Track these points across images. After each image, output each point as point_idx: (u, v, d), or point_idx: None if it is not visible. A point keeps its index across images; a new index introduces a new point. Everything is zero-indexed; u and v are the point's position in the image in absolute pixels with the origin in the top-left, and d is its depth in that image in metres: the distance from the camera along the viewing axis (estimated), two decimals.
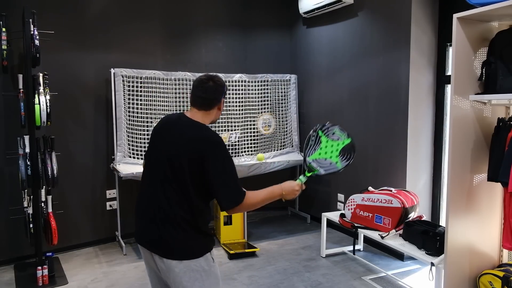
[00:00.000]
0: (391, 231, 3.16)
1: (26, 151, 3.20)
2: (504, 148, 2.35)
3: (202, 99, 1.85)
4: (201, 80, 1.87)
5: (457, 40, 2.36)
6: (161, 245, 1.78)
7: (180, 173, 1.75)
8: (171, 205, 1.76)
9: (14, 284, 3.30)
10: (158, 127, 1.92)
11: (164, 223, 1.77)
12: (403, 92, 3.64)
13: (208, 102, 1.86)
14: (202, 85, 1.85)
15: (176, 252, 1.76)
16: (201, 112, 1.87)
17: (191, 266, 1.76)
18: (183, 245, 1.77)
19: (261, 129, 4.82)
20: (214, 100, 1.87)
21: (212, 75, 1.90)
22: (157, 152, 1.85)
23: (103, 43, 4.08)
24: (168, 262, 1.76)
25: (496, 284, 2.41)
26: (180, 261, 1.75)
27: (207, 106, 1.87)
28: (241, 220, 4.18)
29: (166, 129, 1.87)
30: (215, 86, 1.86)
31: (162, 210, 1.77)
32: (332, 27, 4.50)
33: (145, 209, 1.84)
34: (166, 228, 1.76)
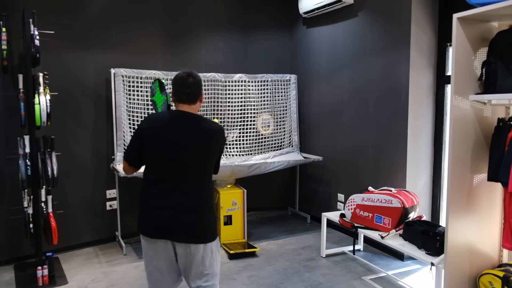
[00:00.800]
0: (391, 231, 3.16)
1: (26, 151, 3.19)
2: (504, 148, 2.35)
3: (188, 94, 2.05)
4: (182, 77, 2.06)
5: (457, 40, 2.36)
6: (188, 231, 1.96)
7: (204, 162, 2.02)
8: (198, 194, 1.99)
9: (14, 284, 3.30)
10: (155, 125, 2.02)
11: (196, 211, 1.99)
12: (403, 92, 3.64)
13: (193, 96, 2.07)
14: (184, 82, 2.05)
15: (205, 236, 2.00)
16: (190, 106, 2.07)
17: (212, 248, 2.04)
18: (210, 229, 2.03)
19: (260, 129, 4.82)
20: (197, 93, 2.09)
21: (188, 71, 2.10)
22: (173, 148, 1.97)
23: (103, 43, 4.08)
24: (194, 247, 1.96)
25: (496, 284, 2.41)
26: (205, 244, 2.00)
27: (194, 100, 2.08)
28: (241, 220, 4.18)
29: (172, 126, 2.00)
30: (196, 81, 2.07)
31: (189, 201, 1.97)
32: (332, 27, 4.50)
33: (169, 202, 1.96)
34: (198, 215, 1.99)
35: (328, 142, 4.65)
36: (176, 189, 1.96)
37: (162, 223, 1.96)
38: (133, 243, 4.20)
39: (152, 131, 2.00)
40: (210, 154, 2.04)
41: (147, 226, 1.99)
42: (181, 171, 1.96)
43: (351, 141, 4.29)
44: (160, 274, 2.04)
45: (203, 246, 1.97)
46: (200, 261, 1.99)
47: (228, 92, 4.59)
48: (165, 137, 1.98)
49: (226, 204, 4.10)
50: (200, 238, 1.97)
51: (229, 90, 4.60)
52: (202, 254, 1.98)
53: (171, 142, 1.97)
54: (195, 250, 1.96)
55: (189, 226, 1.96)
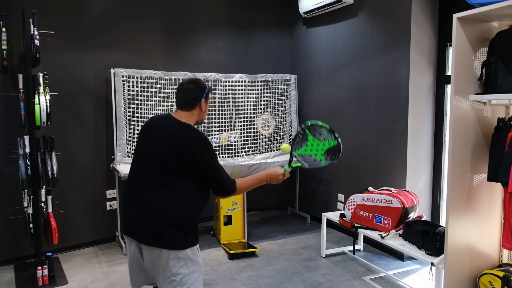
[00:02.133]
0: (391, 231, 3.16)
1: (26, 151, 3.19)
2: (504, 148, 2.35)
3: (181, 100, 2.03)
4: (182, 83, 2.07)
5: (457, 40, 2.36)
6: (151, 235, 1.90)
7: (172, 168, 1.92)
8: (164, 198, 1.91)
9: (14, 284, 3.30)
10: (146, 127, 2.07)
11: (157, 216, 1.90)
12: (403, 92, 3.64)
13: (187, 102, 2.02)
14: (182, 88, 2.04)
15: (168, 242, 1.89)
16: (185, 113, 2.03)
17: (178, 255, 1.91)
18: (177, 237, 1.91)
19: (261, 129, 4.82)
20: (192, 100, 2.02)
21: (194, 78, 2.09)
22: (147, 149, 1.99)
23: (103, 43, 4.08)
24: (157, 251, 1.89)
25: (496, 284, 2.41)
26: (169, 250, 1.89)
27: (189, 107, 2.03)
28: (241, 220, 4.18)
29: (154, 129, 2.02)
30: (194, 88, 2.03)
31: (155, 204, 1.91)
32: (332, 27, 4.50)
33: (136, 202, 1.95)
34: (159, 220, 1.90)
35: None
36: (147, 190, 1.93)
37: (129, 221, 1.99)
38: None
39: (142, 133, 2.08)
40: (182, 162, 1.91)
41: (123, 222, 2.05)
42: (152, 174, 1.93)
43: (351, 141, 4.29)
44: (131, 271, 2.09)
45: (166, 251, 1.88)
46: (165, 265, 1.90)
47: (228, 92, 4.59)
48: (144, 140, 2.03)
49: (226, 204, 4.10)
50: (161, 242, 1.88)
51: (229, 90, 4.60)
52: (166, 259, 1.89)
53: (146, 145, 2.00)
54: (158, 254, 1.89)
55: (151, 229, 1.89)
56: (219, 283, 3.28)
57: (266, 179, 2.14)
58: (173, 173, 1.91)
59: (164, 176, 1.91)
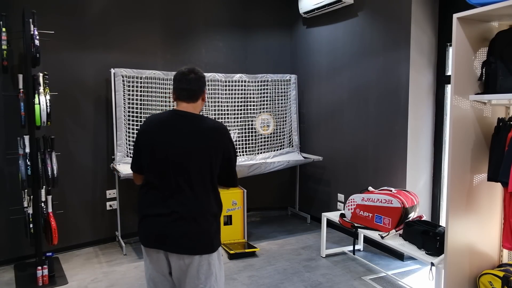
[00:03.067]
0: (391, 231, 3.16)
1: (26, 151, 3.19)
2: (504, 148, 2.35)
3: (187, 91, 1.89)
4: (183, 73, 1.90)
5: (457, 40, 2.36)
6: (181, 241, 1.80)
7: (203, 165, 1.83)
8: (195, 203, 1.83)
9: (14, 284, 3.30)
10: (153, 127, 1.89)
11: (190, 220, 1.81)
12: (403, 92, 3.64)
13: (193, 93, 1.90)
14: (185, 78, 1.89)
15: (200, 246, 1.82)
16: (191, 104, 1.91)
17: (210, 260, 1.85)
18: (208, 240, 1.84)
19: (260, 129, 4.82)
20: (199, 91, 1.91)
21: (191, 67, 1.93)
22: (166, 154, 1.83)
23: (103, 43, 4.08)
24: (188, 259, 1.80)
25: (496, 284, 2.41)
26: (201, 256, 1.81)
27: (194, 98, 1.91)
28: (241, 220, 4.18)
29: (168, 129, 1.86)
30: (197, 77, 1.91)
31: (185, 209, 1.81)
32: (332, 27, 4.50)
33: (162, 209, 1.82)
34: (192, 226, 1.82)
35: (328, 142, 4.65)
36: (171, 195, 1.81)
37: (154, 231, 1.84)
38: (133, 243, 4.20)
39: (146, 134, 1.89)
40: (209, 157, 1.83)
41: (142, 234, 1.89)
42: (176, 176, 1.81)
43: (351, 141, 4.29)
44: (154, 285, 1.93)
45: (198, 257, 1.80)
46: (195, 274, 1.81)
47: (228, 92, 4.59)
48: (158, 139, 1.85)
49: (226, 204, 4.10)
50: (194, 248, 1.80)
51: (229, 90, 4.60)
52: (197, 266, 1.81)
53: (163, 145, 1.83)
54: (189, 261, 1.80)
55: (183, 235, 1.79)
56: None
57: None
58: (201, 171, 1.82)
59: (192, 177, 1.81)
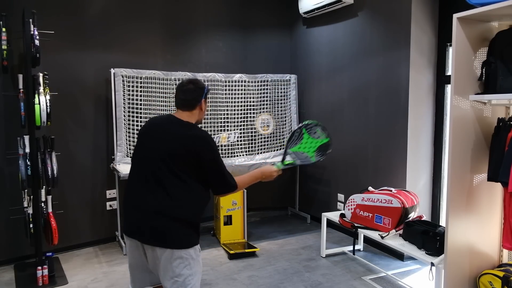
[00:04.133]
0: (391, 231, 3.16)
1: (26, 151, 3.19)
2: (504, 148, 2.35)
3: (182, 100, 2.05)
4: (182, 83, 2.08)
5: (457, 40, 2.36)
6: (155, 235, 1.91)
7: (176, 167, 1.92)
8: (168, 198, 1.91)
9: (14, 284, 3.30)
10: (148, 127, 2.08)
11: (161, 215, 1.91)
12: (403, 92, 3.64)
13: (188, 103, 2.04)
14: (182, 88, 2.06)
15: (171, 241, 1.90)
16: (186, 113, 2.05)
17: (183, 255, 1.92)
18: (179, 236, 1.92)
19: (260, 129, 4.82)
20: (193, 101, 2.05)
21: (193, 78, 2.12)
22: (150, 149, 1.99)
23: (103, 43, 4.08)
24: (160, 251, 1.90)
25: (496, 284, 2.41)
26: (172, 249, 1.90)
27: (190, 107, 2.05)
28: (241, 220, 4.18)
29: (157, 129, 2.03)
30: (194, 88, 2.05)
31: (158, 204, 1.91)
32: (332, 27, 4.50)
33: (139, 203, 1.96)
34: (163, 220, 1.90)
35: None
36: (150, 191, 1.93)
37: (132, 222, 1.98)
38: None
39: (142, 134, 2.08)
40: (189, 160, 1.92)
41: (124, 224, 2.05)
42: (156, 174, 1.93)
43: (351, 141, 4.29)
44: (132, 271, 2.09)
45: (169, 251, 1.89)
46: (168, 265, 1.91)
47: (228, 92, 4.59)
48: (148, 138, 2.03)
49: (226, 204, 4.10)
50: (164, 242, 1.90)
51: (229, 90, 4.60)
52: (169, 259, 1.90)
53: (151, 143, 2.00)
54: (161, 253, 1.91)
55: (155, 229, 1.90)
56: (219, 283, 3.28)
57: (260, 176, 2.21)
58: (177, 173, 1.92)
59: (168, 176, 1.92)
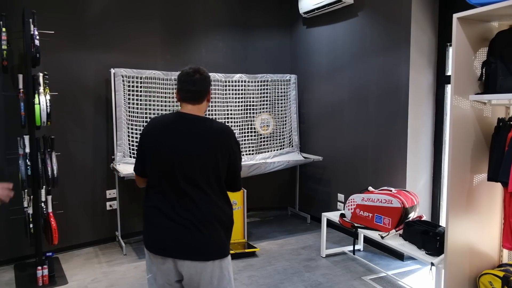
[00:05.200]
0: (391, 231, 3.16)
1: (26, 151, 3.19)
2: (504, 148, 2.35)
3: (193, 92, 1.83)
4: (188, 73, 1.84)
5: (457, 40, 2.36)
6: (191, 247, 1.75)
7: (209, 168, 1.78)
8: (205, 207, 1.77)
9: (14, 284, 3.30)
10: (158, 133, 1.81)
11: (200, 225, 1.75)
12: (403, 92, 3.64)
13: (199, 94, 1.84)
14: (190, 79, 1.83)
15: (211, 252, 1.77)
16: (196, 106, 1.85)
17: (222, 264, 1.80)
18: (219, 245, 1.80)
19: (259, 129, 4.82)
20: (204, 91, 1.86)
21: (195, 67, 1.86)
22: (172, 153, 1.77)
23: (103, 43, 4.08)
24: (201, 265, 1.75)
25: (496, 284, 2.41)
26: (213, 261, 1.77)
27: (200, 99, 1.85)
28: (241, 220, 4.17)
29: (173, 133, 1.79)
30: (203, 77, 1.85)
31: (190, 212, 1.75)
32: (332, 27, 4.50)
33: (170, 215, 1.76)
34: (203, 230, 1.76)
35: (328, 142, 4.65)
36: (177, 199, 1.75)
37: (162, 238, 1.77)
38: (133, 243, 4.20)
39: (151, 136, 1.82)
40: (215, 159, 1.77)
41: (148, 240, 1.83)
42: (182, 179, 1.74)
43: (351, 141, 4.29)
44: None
45: (211, 263, 1.75)
46: (209, 280, 1.75)
47: (228, 92, 4.59)
48: (162, 142, 1.78)
49: None
50: (206, 254, 1.75)
51: (229, 90, 4.60)
52: (210, 272, 1.75)
53: (168, 148, 1.77)
54: (201, 268, 1.74)
55: (193, 241, 1.73)
56: None
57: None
58: (209, 174, 1.77)
59: (199, 183, 1.76)
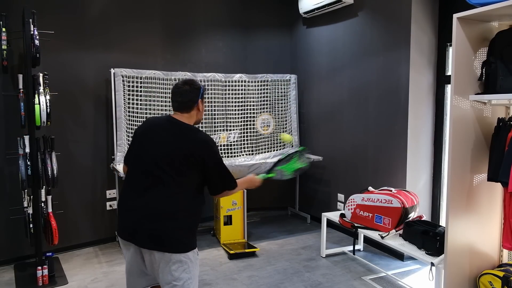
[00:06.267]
0: (391, 231, 3.16)
1: (26, 151, 3.19)
2: (504, 148, 2.35)
3: (179, 102, 2.02)
4: (177, 85, 2.05)
5: (457, 40, 2.36)
6: (153, 238, 1.88)
7: (176, 171, 1.91)
8: (168, 201, 1.90)
9: (14, 284, 3.30)
10: (146, 128, 2.05)
11: (160, 218, 1.89)
12: (403, 92, 3.64)
13: (185, 105, 2.02)
14: (178, 90, 2.03)
15: (169, 245, 1.89)
16: (184, 115, 2.03)
17: (182, 258, 1.91)
18: (179, 240, 1.91)
19: (260, 129, 4.82)
20: (190, 102, 2.02)
21: (188, 79, 2.09)
22: (149, 151, 1.96)
23: (103, 43, 4.08)
24: (158, 255, 1.88)
25: (496, 284, 2.41)
26: (170, 254, 1.88)
27: (187, 109, 2.03)
28: (241, 220, 4.18)
29: (158, 131, 2.00)
30: (190, 89, 2.03)
31: (157, 206, 1.89)
32: (332, 27, 4.50)
33: (136, 205, 1.92)
34: (162, 223, 1.89)
35: (328, 142, 4.65)
36: (148, 192, 1.91)
37: (128, 224, 1.94)
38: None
39: (140, 134, 2.05)
40: (189, 164, 1.91)
41: (119, 226, 2.01)
42: (154, 175, 1.91)
43: (351, 141, 4.29)
44: (128, 277, 2.06)
45: (168, 255, 1.87)
46: (167, 269, 1.88)
47: (228, 92, 4.59)
48: (146, 137, 2.00)
49: (226, 204, 4.10)
50: (163, 246, 1.87)
51: (229, 90, 4.60)
52: (168, 262, 1.88)
53: (149, 143, 1.98)
54: (159, 257, 1.88)
55: (154, 232, 1.87)
56: (219, 283, 3.28)
57: (247, 185, 2.31)
58: (177, 175, 1.90)
59: (167, 179, 1.90)
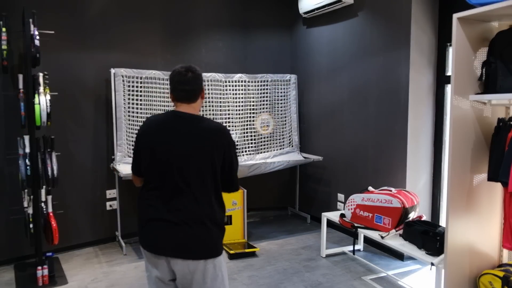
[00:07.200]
0: (391, 231, 3.16)
1: (26, 151, 3.19)
2: (504, 148, 2.35)
3: (187, 91, 1.84)
4: (180, 73, 1.84)
5: (457, 40, 2.36)
6: (184, 246, 1.76)
7: (205, 167, 1.79)
8: (199, 204, 1.79)
9: (14, 284, 3.30)
10: (153, 128, 1.84)
11: (193, 224, 1.77)
12: (403, 92, 3.64)
13: (193, 93, 1.86)
14: (183, 79, 1.83)
15: (204, 250, 1.79)
16: (191, 105, 1.86)
17: (215, 263, 1.81)
18: (212, 243, 1.81)
19: (260, 129, 4.82)
20: (198, 90, 1.87)
21: (186, 65, 1.86)
22: (167, 152, 1.78)
23: (103, 43, 4.08)
24: (193, 264, 1.76)
25: (496, 284, 2.41)
26: (206, 260, 1.78)
27: (194, 98, 1.87)
28: (241, 220, 4.18)
29: (167, 128, 1.81)
30: (195, 75, 1.85)
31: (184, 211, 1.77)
32: (332, 27, 4.50)
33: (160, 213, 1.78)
34: (196, 229, 1.77)
35: (328, 142, 4.65)
36: (171, 198, 1.77)
37: (156, 236, 1.78)
38: (133, 243, 4.20)
39: (146, 136, 1.85)
40: (210, 158, 1.78)
41: (143, 238, 1.84)
42: (176, 178, 1.76)
43: (351, 141, 4.29)
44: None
45: (203, 262, 1.76)
46: (201, 279, 1.76)
47: (228, 92, 4.59)
48: (157, 141, 1.80)
49: (226, 204, 4.04)
50: (198, 253, 1.76)
51: (229, 90, 4.60)
52: (202, 271, 1.76)
53: (163, 146, 1.78)
54: (194, 267, 1.75)
55: (186, 240, 1.75)
56: None
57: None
58: (204, 175, 1.78)
59: (195, 180, 1.77)
